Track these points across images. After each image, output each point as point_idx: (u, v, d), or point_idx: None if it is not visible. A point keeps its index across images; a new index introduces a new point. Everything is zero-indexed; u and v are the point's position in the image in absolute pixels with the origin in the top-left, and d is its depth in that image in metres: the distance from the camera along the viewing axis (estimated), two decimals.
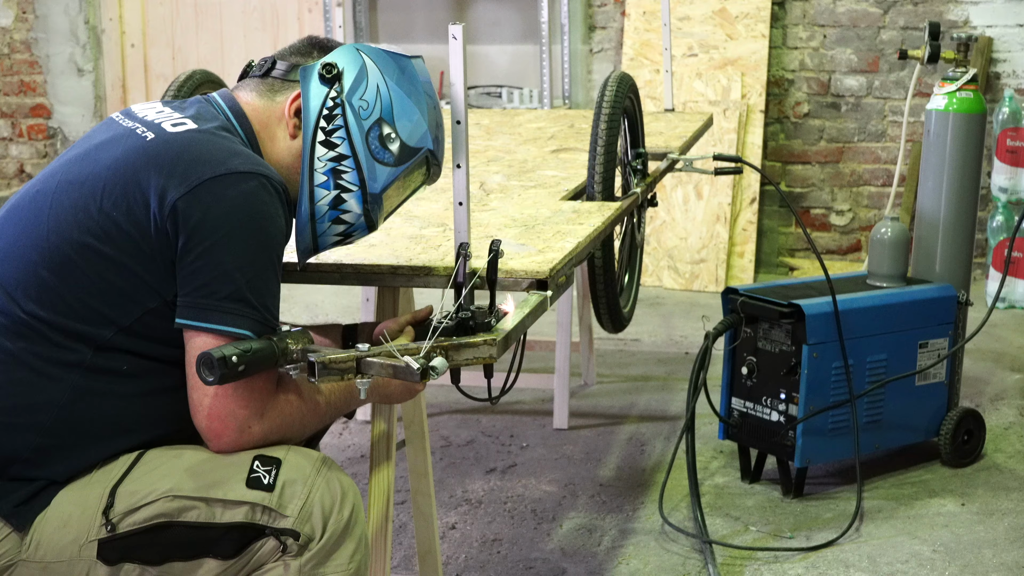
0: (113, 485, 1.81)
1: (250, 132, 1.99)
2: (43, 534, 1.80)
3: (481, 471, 3.65)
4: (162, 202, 1.79)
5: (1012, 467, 3.68)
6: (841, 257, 6.18)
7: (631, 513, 3.36)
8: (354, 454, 3.70)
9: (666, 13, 4.40)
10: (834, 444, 3.43)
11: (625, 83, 2.97)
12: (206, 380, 1.70)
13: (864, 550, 3.14)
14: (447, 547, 3.13)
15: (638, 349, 4.86)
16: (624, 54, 6.09)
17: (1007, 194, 5.53)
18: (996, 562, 3.08)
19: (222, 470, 1.82)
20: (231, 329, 1.78)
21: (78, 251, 1.82)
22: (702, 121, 4.13)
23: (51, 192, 1.90)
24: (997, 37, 5.87)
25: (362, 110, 1.99)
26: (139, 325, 1.83)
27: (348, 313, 5.29)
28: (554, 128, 3.94)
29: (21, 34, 6.77)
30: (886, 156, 6.08)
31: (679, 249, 5.89)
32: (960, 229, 3.77)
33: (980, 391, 4.30)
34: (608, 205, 2.75)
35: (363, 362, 1.79)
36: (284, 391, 1.87)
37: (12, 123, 6.88)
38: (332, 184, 1.99)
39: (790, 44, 6.09)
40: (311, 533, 1.83)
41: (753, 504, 3.42)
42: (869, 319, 3.44)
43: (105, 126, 1.98)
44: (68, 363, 1.81)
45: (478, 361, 1.86)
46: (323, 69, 1.98)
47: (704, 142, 4.68)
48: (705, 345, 3.35)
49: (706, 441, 3.77)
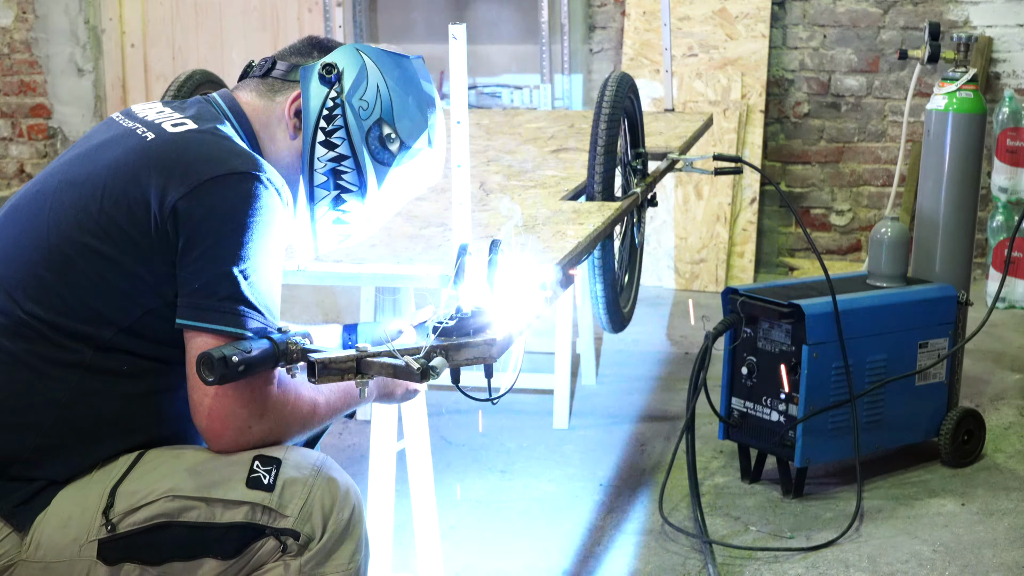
0: (113, 485, 1.81)
1: (250, 132, 1.99)
2: (43, 534, 1.80)
3: (481, 471, 3.65)
4: (162, 202, 1.79)
5: (1012, 467, 3.68)
6: (841, 257, 6.18)
7: (631, 513, 3.36)
8: (354, 454, 3.71)
9: (666, 13, 4.40)
10: (834, 444, 3.43)
11: (625, 83, 2.97)
12: (206, 380, 1.70)
13: (864, 550, 3.14)
14: (447, 547, 3.13)
15: (638, 349, 4.86)
16: (624, 54, 6.09)
17: (1007, 194, 5.53)
18: (996, 562, 3.08)
19: (222, 470, 1.82)
20: (231, 329, 1.78)
21: (78, 251, 1.82)
22: (702, 121, 4.13)
23: (51, 192, 1.89)
24: (997, 37, 5.87)
25: (362, 110, 1.99)
26: (139, 325, 1.83)
27: (348, 313, 5.29)
28: (554, 128, 3.94)
29: (21, 34, 6.77)
30: (886, 156, 6.08)
31: (679, 249, 5.89)
32: (960, 229, 3.77)
33: (980, 391, 4.30)
34: (608, 205, 2.76)
35: (363, 362, 1.79)
36: (284, 391, 1.86)
37: (12, 123, 6.88)
38: (332, 184, 1.99)
39: (790, 44, 6.09)
40: (311, 533, 1.83)
41: (753, 504, 3.42)
42: (869, 319, 3.44)
43: (105, 126, 1.98)
44: (68, 363, 1.81)
45: (478, 361, 1.87)
46: (323, 69, 1.98)
47: (704, 142, 4.68)
48: (705, 345, 3.35)
49: (706, 441, 3.77)
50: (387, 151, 2.01)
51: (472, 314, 1.88)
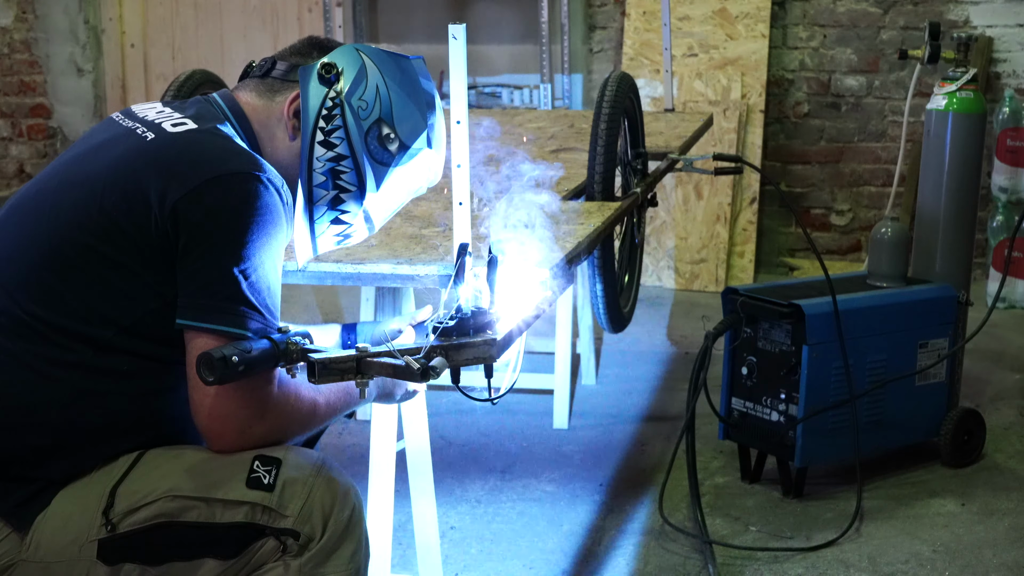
0: (113, 485, 1.81)
1: (250, 132, 1.99)
2: (43, 534, 1.80)
3: (481, 471, 3.65)
4: (163, 203, 1.79)
5: (1012, 467, 3.68)
6: (841, 257, 6.18)
7: (631, 513, 3.36)
8: (354, 454, 3.71)
9: (666, 13, 4.40)
10: (834, 444, 3.43)
11: (625, 83, 2.97)
12: (206, 380, 1.70)
13: (864, 550, 3.14)
14: (447, 547, 3.13)
15: (638, 349, 4.86)
16: (624, 54, 6.09)
17: (1007, 194, 5.53)
18: (996, 562, 3.08)
19: (222, 470, 1.82)
20: (232, 330, 1.78)
21: (79, 251, 1.82)
22: (702, 121, 4.13)
23: (52, 192, 1.89)
24: (997, 37, 5.87)
25: (361, 110, 1.99)
26: (140, 325, 1.83)
27: (348, 313, 5.29)
28: (554, 128, 3.94)
29: (21, 34, 6.77)
30: (886, 156, 6.08)
31: (679, 249, 5.89)
32: (960, 229, 3.77)
33: (980, 391, 4.30)
34: (608, 205, 2.76)
35: (363, 362, 1.79)
36: (284, 391, 1.86)
37: (12, 123, 6.88)
38: (331, 184, 1.99)
39: (790, 44, 6.09)
40: (311, 533, 1.83)
41: (753, 504, 3.42)
42: (869, 319, 3.44)
43: (105, 126, 1.98)
44: (69, 363, 1.81)
45: (478, 361, 1.87)
46: (322, 69, 1.98)
47: (704, 142, 4.68)
48: (705, 345, 3.35)
49: (706, 441, 3.77)
50: (386, 151, 2.01)
51: (472, 314, 1.88)
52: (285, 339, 1.79)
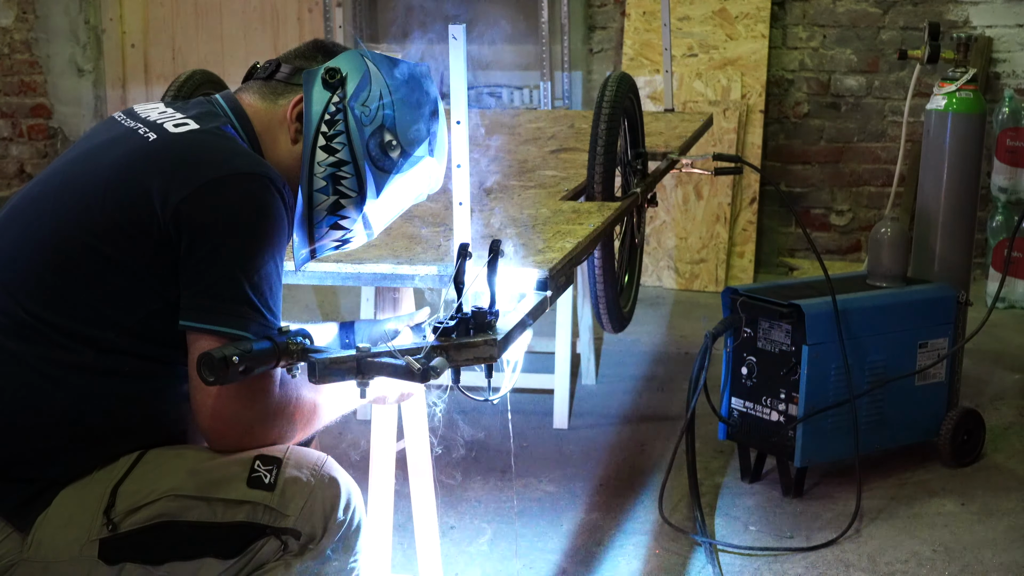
0: (114, 484, 1.81)
1: (252, 134, 1.98)
2: (44, 534, 1.80)
3: (481, 471, 3.65)
4: (165, 203, 1.79)
5: (1012, 467, 3.68)
6: (841, 257, 6.18)
7: (631, 513, 3.36)
8: (354, 454, 3.71)
9: (666, 13, 4.40)
10: (834, 444, 3.43)
11: (625, 83, 2.97)
12: (207, 380, 1.70)
13: (864, 550, 3.15)
14: (447, 547, 3.13)
15: (638, 349, 4.86)
16: (624, 54, 6.10)
17: (1007, 194, 5.53)
18: (996, 562, 3.09)
19: (223, 470, 1.82)
20: (233, 331, 1.78)
21: (80, 252, 1.82)
22: (702, 121, 4.13)
23: (53, 192, 1.89)
24: (997, 37, 5.87)
25: (364, 116, 1.98)
26: (142, 326, 1.82)
27: (348, 313, 5.29)
28: (554, 128, 3.94)
29: (21, 34, 6.77)
30: (886, 156, 6.08)
31: (679, 249, 5.89)
32: (959, 229, 3.77)
33: (980, 391, 4.30)
34: (608, 205, 2.75)
35: (363, 362, 1.79)
36: (286, 391, 1.87)
37: (12, 123, 6.88)
38: (331, 189, 1.98)
39: (790, 44, 6.09)
40: (312, 533, 1.83)
41: (753, 504, 3.42)
42: (869, 319, 3.44)
43: (107, 126, 1.98)
44: (71, 364, 1.81)
45: (478, 361, 1.87)
46: (326, 74, 1.97)
47: (704, 142, 4.68)
48: (705, 345, 3.35)
49: (706, 441, 3.77)
50: (388, 158, 2.00)
51: (472, 314, 1.88)
52: (286, 339, 1.79)
